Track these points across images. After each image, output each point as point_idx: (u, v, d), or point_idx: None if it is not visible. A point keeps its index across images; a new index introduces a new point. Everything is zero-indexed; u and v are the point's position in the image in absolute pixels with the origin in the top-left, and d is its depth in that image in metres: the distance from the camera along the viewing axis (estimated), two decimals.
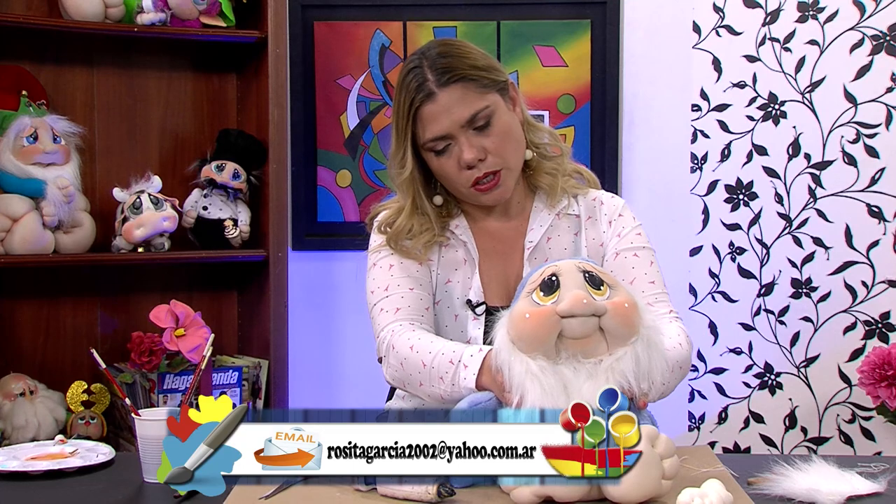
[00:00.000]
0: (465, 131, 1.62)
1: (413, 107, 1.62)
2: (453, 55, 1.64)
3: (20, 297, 2.55)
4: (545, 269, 1.38)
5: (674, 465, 1.26)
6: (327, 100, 2.84)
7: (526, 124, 1.73)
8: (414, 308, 1.65)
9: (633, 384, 1.31)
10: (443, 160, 1.64)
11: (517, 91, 1.71)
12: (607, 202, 1.77)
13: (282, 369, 2.61)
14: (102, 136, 2.62)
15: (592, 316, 1.30)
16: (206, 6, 2.54)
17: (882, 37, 2.71)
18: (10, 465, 1.48)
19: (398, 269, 1.68)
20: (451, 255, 1.72)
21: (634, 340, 1.32)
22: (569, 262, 1.38)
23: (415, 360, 1.54)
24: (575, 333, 1.31)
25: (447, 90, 1.61)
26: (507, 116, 1.66)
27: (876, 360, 2.40)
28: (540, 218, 1.74)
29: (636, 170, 2.84)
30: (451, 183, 1.67)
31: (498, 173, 1.64)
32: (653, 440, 1.23)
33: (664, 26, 2.81)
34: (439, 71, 1.61)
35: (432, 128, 1.62)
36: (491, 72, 1.66)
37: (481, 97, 1.62)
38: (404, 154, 1.66)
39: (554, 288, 1.33)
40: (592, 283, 1.33)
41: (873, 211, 2.73)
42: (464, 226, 1.73)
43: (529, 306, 1.34)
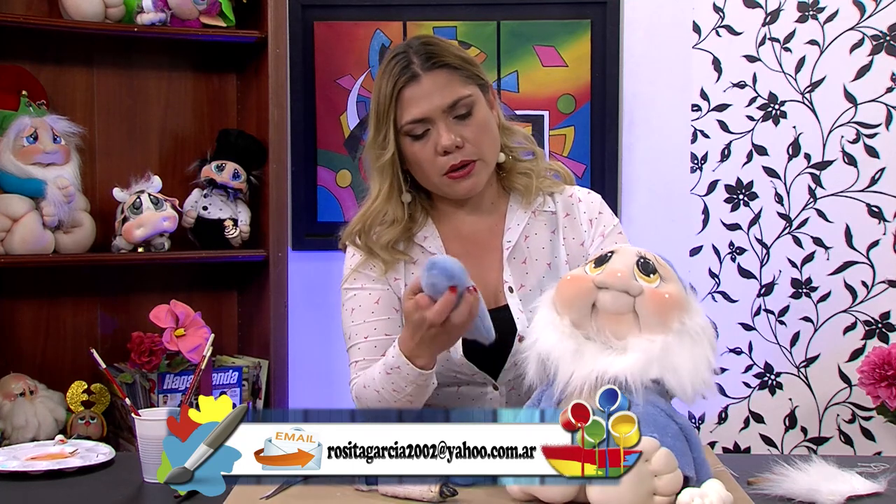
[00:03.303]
0: (445, 117, 1.62)
1: (396, 88, 1.62)
2: (438, 44, 1.67)
3: (20, 297, 2.55)
4: (609, 248, 1.41)
5: (671, 482, 1.21)
6: (327, 100, 2.84)
7: (502, 128, 1.73)
8: (370, 358, 1.66)
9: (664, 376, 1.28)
10: (419, 146, 1.64)
11: (496, 96, 1.73)
12: (584, 199, 1.76)
13: (282, 369, 2.61)
14: (102, 136, 2.62)
15: (627, 295, 1.30)
16: (206, 6, 2.54)
17: (882, 37, 2.71)
18: (10, 465, 1.49)
19: (358, 313, 1.70)
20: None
21: (668, 333, 1.29)
22: (632, 248, 1.38)
23: (371, 396, 1.59)
24: (607, 307, 1.31)
25: (432, 74, 1.62)
26: (486, 111, 1.67)
27: (876, 360, 2.41)
28: (517, 217, 1.73)
29: (636, 170, 2.84)
30: (424, 171, 1.66)
31: (472, 164, 1.64)
32: (649, 455, 1.20)
33: (664, 26, 2.81)
34: (424, 56, 1.63)
35: (413, 110, 1.62)
36: (475, 66, 1.68)
37: (464, 86, 1.64)
38: (385, 136, 1.65)
39: (604, 262, 1.35)
40: (644, 268, 1.33)
41: (873, 211, 2.73)
42: (433, 235, 1.72)
43: (577, 272, 1.37)
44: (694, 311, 1.33)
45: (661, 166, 2.83)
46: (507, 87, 2.82)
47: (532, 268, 1.71)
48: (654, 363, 1.28)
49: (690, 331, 1.31)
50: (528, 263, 1.71)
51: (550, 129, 2.83)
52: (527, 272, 1.71)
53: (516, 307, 1.68)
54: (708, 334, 1.33)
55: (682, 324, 1.31)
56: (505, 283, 1.70)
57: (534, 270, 1.71)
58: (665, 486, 1.21)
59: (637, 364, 1.27)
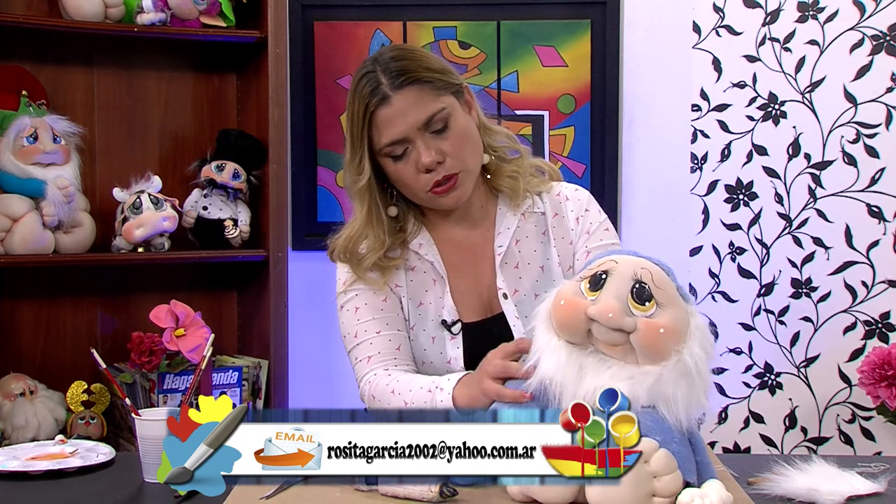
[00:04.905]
0: (422, 134, 1.59)
1: (368, 111, 1.60)
2: (406, 58, 1.62)
3: (20, 297, 2.55)
4: (605, 260, 1.33)
5: (671, 483, 1.20)
6: (327, 100, 2.84)
7: (482, 128, 1.70)
8: (385, 352, 1.65)
9: (659, 405, 1.26)
10: (400, 165, 1.62)
11: (472, 95, 1.69)
12: (572, 197, 1.75)
13: (282, 369, 2.61)
14: (102, 136, 2.62)
15: (619, 330, 1.27)
16: (206, 6, 2.54)
17: (882, 37, 2.71)
18: (10, 465, 1.48)
19: (364, 311, 1.68)
20: (420, 277, 1.70)
21: (664, 365, 1.27)
22: (630, 265, 1.31)
23: (397, 402, 1.56)
24: (601, 339, 1.29)
25: (402, 93, 1.59)
26: (463, 118, 1.64)
27: (876, 360, 2.41)
28: (506, 221, 1.71)
29: (636, 170, 2.84)
30: (408, 188, 1.64)
31: (456, 176, 1.62)
32: (648, 456, 1.19)
33: (664, 26, 2.81)
34: (393, 74, 1.59)
35: (389, 132, 1.59)
36: (445, 74, 1.63)
37: (437, 99, 1.60)
38: (361, 160, 1.63)
39: (598, 286, 1.30)
40: (638, 297, 1.28)
41: (873, 211, 2.73)
42: (428, 242, 1.71)
43: (571, 294, 1.31)
44: (690, 335, 1.30)
45: (661, 166, 2.83)
46: (507, 87, 2.82)
47: (525, 272, 1.70)
48: (647, 394, 1.26)
49: (686, 363, 1.28)
50: (520, 268, 1.70)
51: (550, 129, 2.83)
52: (520, 276, 1.70)
53: (511, 314, 1.67)
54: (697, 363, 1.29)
55: (678, 353, 1.28)
56: (499, 289, 1.69)
57: (527, 275, 1.70)
58: (664, 487, 1.20)
59: (631, 393, 1.25)
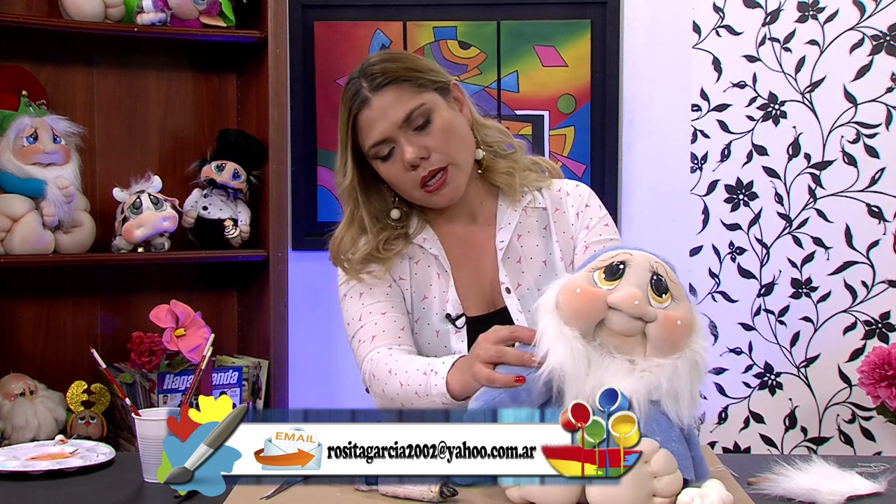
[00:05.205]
0: (403, 132, 1.61)
1: (351, 115, 1.63)
2: (388, 61, 1.65)
3: (20, 297, 2.55)
4: (618, 252, 1.33)
5: (671, 483, 1.21)
6: (327, 100, 2.84)
7: (475, 124, 1.71)
8: (389, 332, 1.65)
9: (663, 399, 1.26)
10: (389, 166, 1.64)
11: (463, 92, 1.71)
12: (573, 192, 1.75)
13: (282, 369, 2.61)
14: (102, 136, 2.62)
15: (640, 320, 1.27)
16: (206, 6, 2.54)
17: (882, 37, 2.71)
18: (10, 465, 1.48)
19: (368, 295, 1.68)
20: (423, 271, 1.71)
21: (676, 358, 1.27)
22: (644, 257, 1.32)
23: (394, 383, 1.56)
24: (616, 328, 1.28)
25: (380, 94, 1.61)
26: (447, 113, 1.64)
27: (876, 360, 2.41)
28: (507, 216, 1.72)
29: (636, 170, 2.84)
30: (400, 188, 1.66)
31: (445, 170, 1.63)
32: (648, 456, 1.20)
33: (664, 26, 2.81)
34: (371, 77, 1.63)
35: (371, 133, 1.62)
36: (428, 72, 1.65)
37: (416, 96, 1.62)
38: (345, 163, 1.66)
39: (616, 276, 1.29)
40: (657, 288, 1.29)
41: (873, 211, 2.73)
42: (431, 238, 1.72)
43: (586, 283, 1.31)
44: (696, 331, 1.31)
45: (661, 166, 2.83)
46: (507, 87, 2.82)
47: (528, 266, 1.71)
48: (660, 387, 1.26)
49: (694, 356, 1.29)
50: (522, 262, 1.71)
51: (550, 129, 2.83)
52: (522, 271, 1.71)
53: (515, 308, 1.68)
54: (703, 358, 1.31)
55: (688, 348, 1.29)
56: (501, 283, 1.69)
57: (529, 269, 1.71)
58: (664, 487, 1.20)
59: (644, 387, 1.25)
